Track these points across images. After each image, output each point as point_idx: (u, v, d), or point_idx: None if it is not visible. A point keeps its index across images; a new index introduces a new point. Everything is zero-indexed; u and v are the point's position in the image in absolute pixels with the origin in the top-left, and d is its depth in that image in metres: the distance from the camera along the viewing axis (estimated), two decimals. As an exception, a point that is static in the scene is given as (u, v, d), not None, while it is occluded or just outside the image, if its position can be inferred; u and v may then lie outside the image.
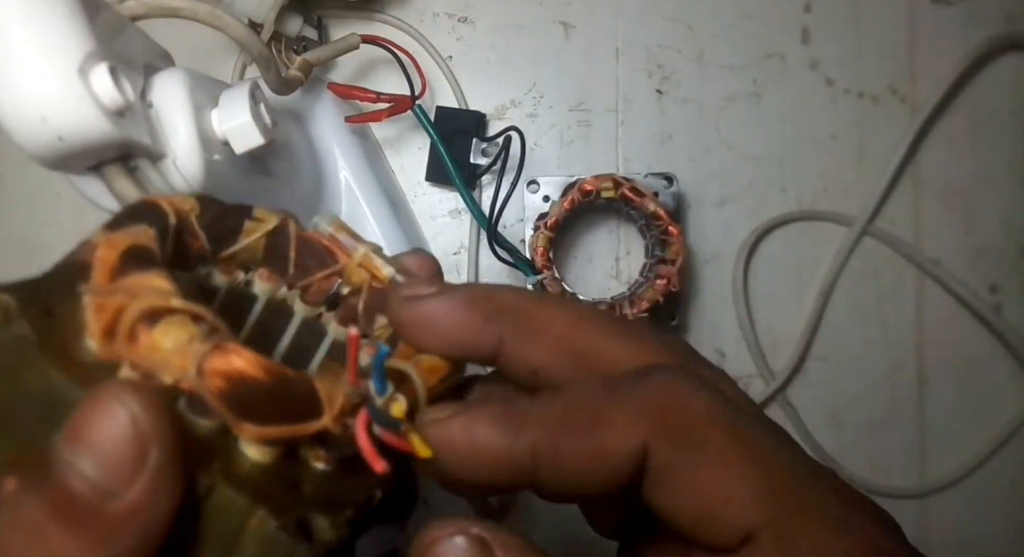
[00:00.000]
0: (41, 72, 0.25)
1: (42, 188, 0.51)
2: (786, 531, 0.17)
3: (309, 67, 0.41)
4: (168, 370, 0.16)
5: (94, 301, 0.16)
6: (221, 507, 0.16)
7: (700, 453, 0.17)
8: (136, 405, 0.15)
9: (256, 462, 0.17)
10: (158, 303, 0.16)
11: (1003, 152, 0.48)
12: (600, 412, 0.18)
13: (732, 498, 0.17)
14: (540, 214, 0.45)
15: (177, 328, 0.16)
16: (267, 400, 0.16)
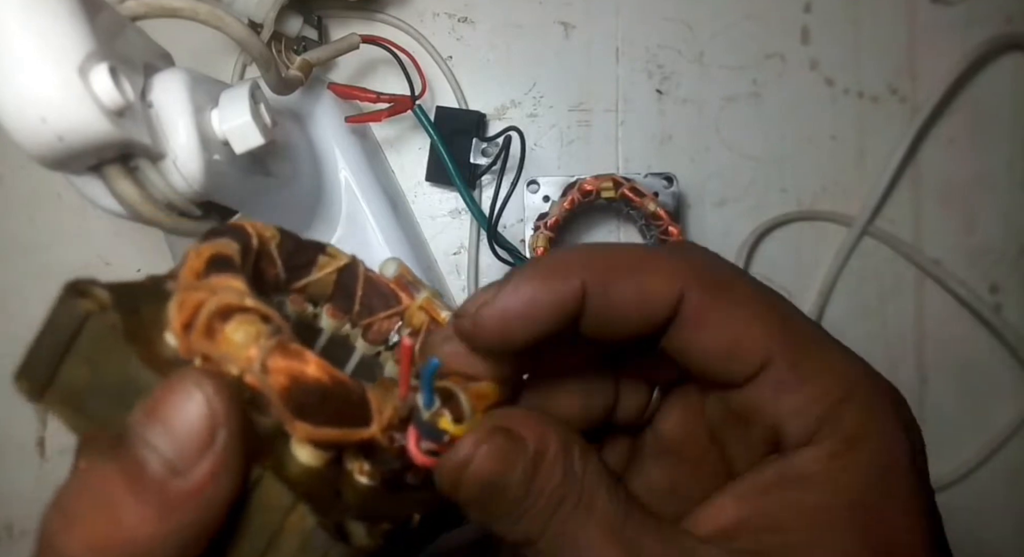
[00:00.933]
0: (41, 72, 0.25)
1: (42, 188, 0.51)
2: (797, 358, 0.20)
3: (309, 67, 0.41)
4: (235, 363, 0.17)
5: (178, 297, 0.18)
6: (267, 500, 0.17)
7: (727, 298, 0.20)
8: (211, 390, 0.16)
9: (304, 465, 0.17)
10: (233, 301, 0.17)
11: (1003, 152, 0.48)
12: (643, 262, 0.20)
13: (753, 334, 0.20)
14: (540, 214, 0.45)
15: (247, 325, 0.17)
16: (322, 402, 0.17)
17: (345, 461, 0.18)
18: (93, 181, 0.29)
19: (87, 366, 0.17)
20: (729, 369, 0.20)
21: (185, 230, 0.32)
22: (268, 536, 0.17)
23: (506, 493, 0.19)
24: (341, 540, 0.16)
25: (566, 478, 0.19)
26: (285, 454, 0.17)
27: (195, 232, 0.33)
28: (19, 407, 0.51)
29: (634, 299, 0.20)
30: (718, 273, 0.21)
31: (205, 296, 0.18)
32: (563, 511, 0.19)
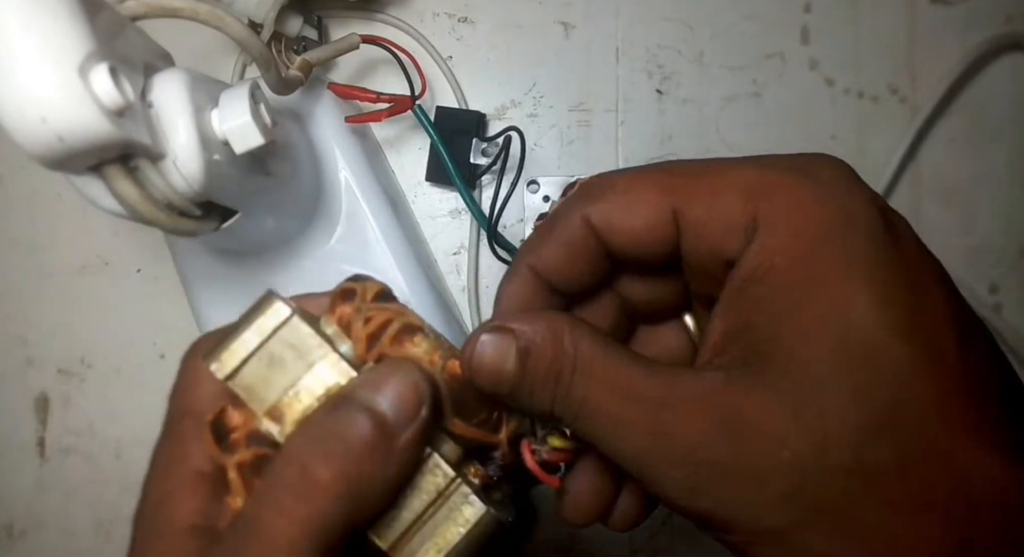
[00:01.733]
0: (41, 72, 0.25)
1: (42, 188, 0.51)
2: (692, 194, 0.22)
3: (309, 67, 0.41)
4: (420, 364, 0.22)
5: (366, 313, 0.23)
6: (431, 472, 0.22)
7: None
8: (419, 375, 0.21)
9: (443, 453, 0.22)
10: (416, 322, 0.23)
11: (1003, 152, 0.48)
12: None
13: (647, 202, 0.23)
14: (540, 214, 0.45)
15: (427, 342, 0.23)
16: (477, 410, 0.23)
17: (465, 463, 0.23)
18: (93, 181, 0.29)
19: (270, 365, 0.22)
20: (653, 244, 0.23)
21: (185, 230, 0.32)
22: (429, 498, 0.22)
23: (507, 377, 0.22)
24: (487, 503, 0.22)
25: (557, 356, 0.22)
26: (437, 446, 0.22)
27: (195, 232, 0.33)
28: (19, 407, 0.51)
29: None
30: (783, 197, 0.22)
31: (392, 316, 0.23)
32: (563, 382, 0.21)
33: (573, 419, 0.22)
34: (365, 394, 0.21)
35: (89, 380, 0.51)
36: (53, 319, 0.51)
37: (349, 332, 0.23)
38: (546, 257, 0.24)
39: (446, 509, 0.22)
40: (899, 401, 0.19)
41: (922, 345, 0.19)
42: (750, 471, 0.19)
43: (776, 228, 0.21)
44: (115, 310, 0.51)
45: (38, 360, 0.51)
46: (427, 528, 0.22)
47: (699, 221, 0.22)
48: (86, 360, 0.51)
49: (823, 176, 0.22)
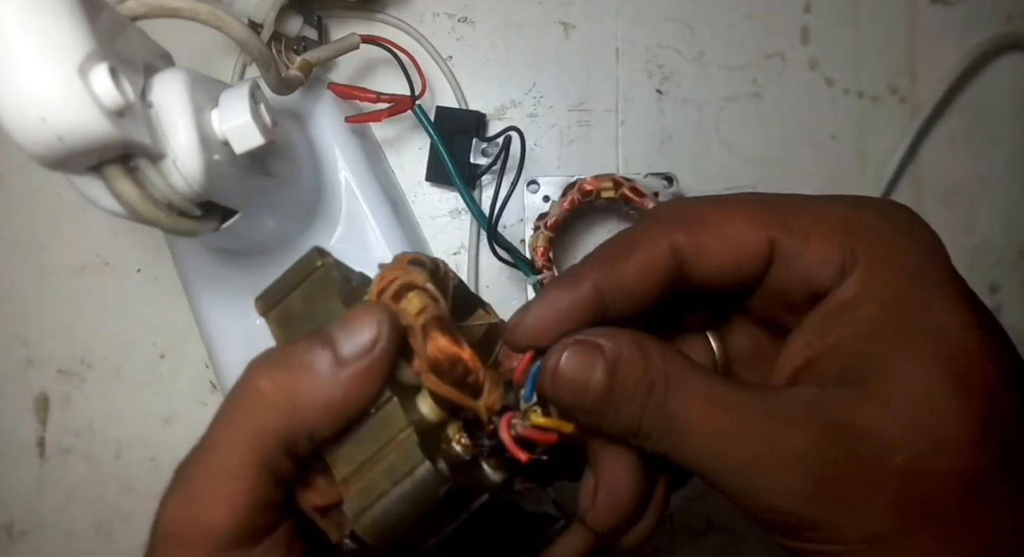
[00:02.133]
0: (41, 72, 0.25)
1: (42, 188, 0.51)
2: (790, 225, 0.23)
3: (309, 67, 0.41)
4: (405, 319, 0.24)
5: (380, 273, 0.25)
6: (388, 416, 0.23)
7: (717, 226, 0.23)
8: (383, 319, 0.23)
9: (422, 415, 0.23)
10: (417, 281, 0.24)
11: (1003, 152, 0.48)
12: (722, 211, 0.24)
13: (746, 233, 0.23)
14: (540, 214, 0.45)
15: (418, 298, 0.24)
16: (451, 367, 0.23)
17: (450, 428, 0.23)
18: (93, 181, 0.29)
19: (304, 299, 0.25)
20: (741, 273, 0.23)
21: (185, 230, 0.32)
22: (382, 441, 0.23)
23: (592, 392, 0.22)
24: (432, 460, 0.22)
25: (648, 369, 0.22)
26: (411, 403, 0.23)
27: (195, 232, 0.33)
28: (19, 407, 0.51)
29: (726, 250, 0.23)
30: (800, 216, 0.23)
31: (399, 274, 0.24)
32: (656, 395, 0.22)
33: (664, 435, 0.22)
34: (332, 327, 0.23)
35: (89, 380, 0.51)
36: (53, 319, 0.51)
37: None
38: (619, 277, 0.24)
39: (392, 457, 0.22)
40: (993, 409, 0.20)
41: (1002, 360, 0.21)
42: (866, 475, 0.20)
43: (873, 262, 0.22)
44: (115, 310, 0.51)
45: (38, 360, 0.51)
46: (373, 472, 0.22)
47: (795, 253, 0.23)
48: (86, 360, 0.51)
49: (902, 218, 0.24)
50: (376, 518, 0.22)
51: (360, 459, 0.23)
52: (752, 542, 0.47)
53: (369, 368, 0.22)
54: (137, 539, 0.23)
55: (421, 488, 0.22)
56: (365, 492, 0.22)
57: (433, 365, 0.23)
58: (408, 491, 0.22)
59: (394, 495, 0.22)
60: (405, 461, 0.22)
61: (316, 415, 0.22)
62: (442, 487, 0.22)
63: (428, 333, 0.23)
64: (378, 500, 0.22)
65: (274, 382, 0.22)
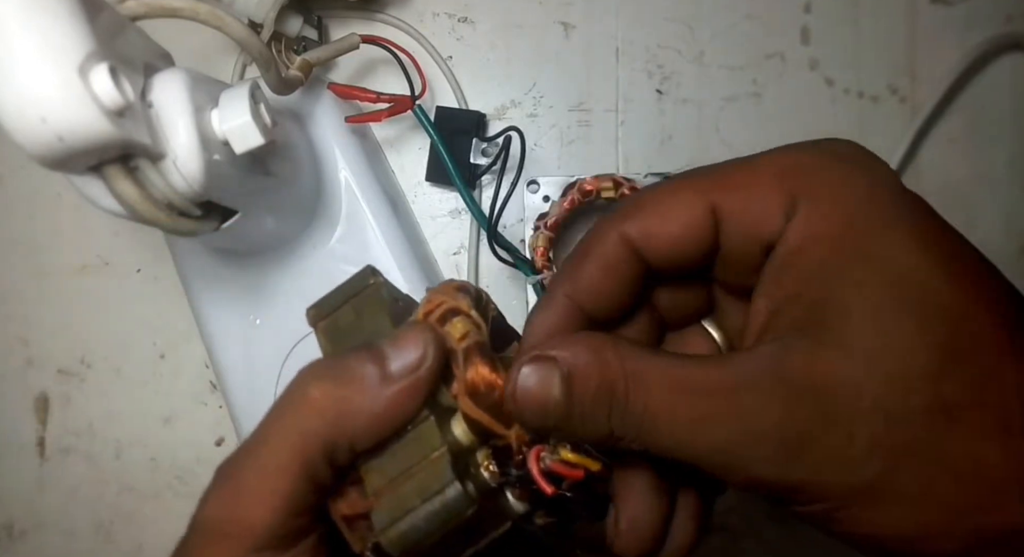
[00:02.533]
0: (41, 72, 0.25)
1: (42, 188, 0.51)
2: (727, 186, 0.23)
3: (309, 67, 0.41)
4: (448, 343, 0.24)
5: (428, 297, 0.26)
6: (424, 434, 0.23)
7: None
8: (431, 341, 0.23)
9: (455, 438, 0.24)
10: (463, 307, 0.25)
11: (1003, 152, 0.48)
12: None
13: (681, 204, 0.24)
14: (540, 214, 0.45)
15: (462, 323, 0.24)
16: (487, 394, 0.23)
17: (480, 454, 0.24)
18: (93, 181, 0.29)
19: (354, 314, 0.26)
20: (694, 246, 0.23)
21: (185, 230, 0.32)
22: (416, 458, 0.23)
23: (554, 409, 0.22)
24: (463, 482, 0.23)
25: (606, 372, 0.21)
26: (445, 425, 0.24)
27: (195, 232, 0.33)
28: (19, 407, 0.51)
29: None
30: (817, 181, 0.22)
31: (446, 298, 0.25)
32: (618, 397, 0.21)
33: (637, 432, 0.21)
34: (382, 343, 0.24)
35: (89, 380, 0.51)
36: (53, 319, 0.51)
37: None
38: (583, 282, 0.24)
39: (424, 475, 0.23)
40: (958, 336, 0.20)
41: (967, 285, 0.21)
42: (837, 428, 0.20)
43: (814, 202, 0.22)
44: (115, 310, 0.51)
45: (38, 360, 0.51)
46: (404, 487, 0.23)
47: (737, 210, 0.23)
48: (86, 360, 0.51)
49: (845, 153, 0.23)
50: (403, 533, 0.23)
51: (393, 473, 0.23)
52: (752, 542, 0.47)
53: (413, 386, 0.23)
54: (137, 539, 0.23)
55: (449, 508, 0.22)
56: (394, 506, 0.23)
57: (471, 389, 0.23)
58: (437, 510, 0.22)
59: (422, 512, 0.22)
60: (436, 480, 0.23)
61: (359, 426, 0.23)
62: (469, 509, 0.22)
63: (469, 358, 0.24)
64: (406, 515, 0.23)
65: (323, 390, 0.23)
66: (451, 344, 0.24)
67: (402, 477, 0.23)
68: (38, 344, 0.51)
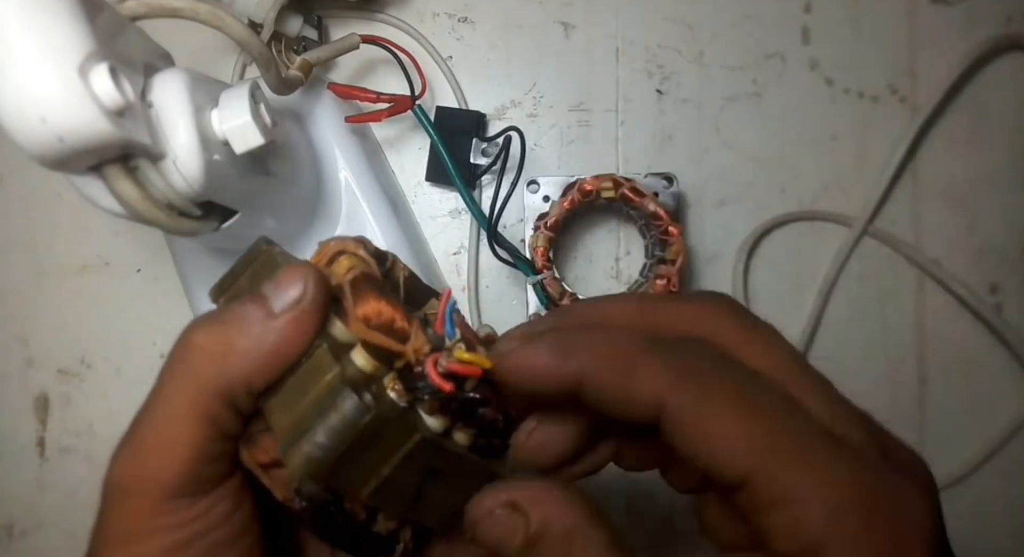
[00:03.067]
0: (41, 72, 0.25)
1: (42, 188, 0.51)
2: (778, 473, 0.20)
3: (309, 67, 0.41)
4: (334, 278, 0.25)
5: (322, 247, 0.26)
6: (316, 362, 0.24)
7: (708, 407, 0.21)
8: (310, 275, 0.24)
9: (358, 367, 0.24)
10: (349, 247, 0.26)
11: (1003, 152, 0.48)
12: (632, 361, 0.22)
13: (731, 445, 0.21)
14: (540, 214, 0.45)
15: (347, 259, 0.26)
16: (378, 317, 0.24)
17: (386, 379, 0.24)
18: (93, 181, 0.29)
19: (251, 281, 0.26)
20: (714, 475, 0.21)
21: (185, 230, 0.32)
22: (312, 386, 0.23)
23: (514, 548, 0.22)
24: (360, 396, 0.23)
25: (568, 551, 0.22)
26: (346, 360, 0.24)
27: (195, 232, 0.33)
28: (19, 407, 0.51)
29: (620, 398, 0.22)
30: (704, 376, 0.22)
31: (334, 244, 0.26)
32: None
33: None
34: (263, 286, 0.25)
35: (89, 380, 0.51)
36: (53, 319, 0.51)
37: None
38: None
39: (319, 396, 0.23)
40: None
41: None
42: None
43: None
44: (115, 310, 0.51)
45: (38, 360, 0.51)
46: (302, 413, 0.23)
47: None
48: (86, 360, 0.51)
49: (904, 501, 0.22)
50: (306, 454, 0.23)
51: (293, 406, 0.24)
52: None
53: (298, 319, 0.24)
54: (137, 539, 0.23)
55: (346, 419, 0.23)
56: (294, 431, 0.23)
57: (362, 316, 0.24)
58: (334, 423, 0.23)
59: (320, 429, 0.23)
60: (330, 396, 0.23)
61: (251, 364, 0.23)
62: (366, 416, 0.22)
63: (356, 287, 0.25)
64: (306, 436, 0.23)
65: (209, 336, 0.24)
66: (337, 280, 0.25)
67: (301, 406, 0.23)
68: (38, 344, 0.51)
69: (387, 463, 0.24)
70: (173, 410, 0.23)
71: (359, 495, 0.24)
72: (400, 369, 0.24)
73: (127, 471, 0.24)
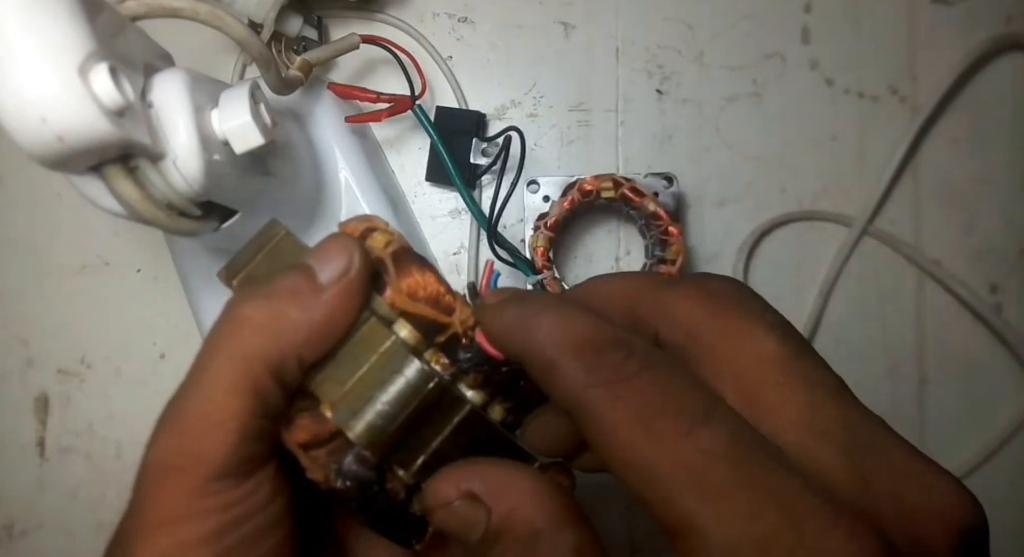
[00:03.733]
0: (41, 72, 0.25)
1: (42, 188, 0.51)
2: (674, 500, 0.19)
3: (309, 67, 0.41)
4: (373, 253, 0.25)
5: (345, 227, 0.26)
6: (368, 334, 0.24)
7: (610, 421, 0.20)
8: (355, 247, 0.24)
9: (402, 339, 0.24)
10: (380, 224, 0.26)
11: (1003, 152, 0.48)
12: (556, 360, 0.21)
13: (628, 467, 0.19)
14: (540, 214, 0.45)
15: (382, 235, 0.25)
16: (423, 289, 0.24)
17: (427, 354, 0.24)
18: (93, 181, 0.29)
19: (269, 262, 0.25)
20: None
21: (185, 230, 0.32)
22: (366, 357, 0.23)
23: (472, 542, 0.22)
24: (420, 359, 0.23)
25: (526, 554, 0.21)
26: (389, 332, 0.24)
27: (195, 232, 0.33)
28: (19, 407, 0.51)
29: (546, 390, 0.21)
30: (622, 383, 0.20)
31: (358, 222, 0.26)
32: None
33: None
34: (306, 258, 0.24)
35: (89, 380, 0.51)
36: (53, 319, 0.51)
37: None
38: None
39: (378, 366, 0.23)
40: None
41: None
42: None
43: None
44: (115, 310, 0.51)
45: (38, 360, 0.51)
46: (359, 384, 0.23)
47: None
48: (86, 360, 0.51)
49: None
50: (369, 422, 0.22)
51: (345, 378, 0.23)
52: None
53: (347, 289, 0.23)
54: (137, 539, 0.23)
55: (412, 384, 0.23)
56: (354, 401, 0.23)
57: (408, 288, 0.24)
58: (400, 389, 0.23)
59: (385, 396, 0.23)
60: (392, 364, 0.23)
61: (302, 337, 0.23)
62: (430, 382, 0.23)
63: (398, 260, 0.24)
64: (368, 405, 0.23)
65: (258, 309, 0.23)
66: (377, 254, 0.25)
67: (356, 378, 0.23)
68: (38, 344, 0.51)
69: (438, 435, 0.24)
70: (222, 384, 0.22)
71: (408, 469, 0.23)
72: (441, 343, 0.24)
73: (172, 448, 0.22)
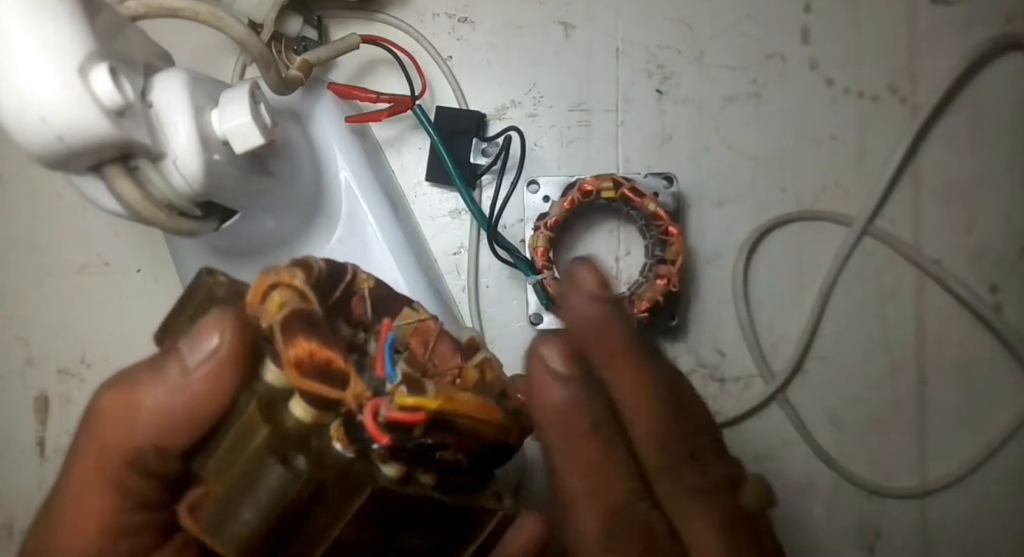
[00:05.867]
0: (41, 72, 0.25)
1: (42, 188, 0.51)
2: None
3: (309, 67, 0.41)
4: (265, 318, 0.23)
5: (259, 279, 0.24)
6: (245, 423, 0.22)
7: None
8: (228, 321, 0.22)
9: (297, 418, 0.22)
10: (283, 279, 0.23)
11: (1003, 152, 0.48)
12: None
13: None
14: (540, 214, 0.45)
15: (279, 295, 0.23)
16: (312, 361, 0.22)
17: (332, 428, 0.22)
18: (93, 181, 0.29)
19: (191, 321, 0.24)
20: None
21: (185, 230, 0.32)
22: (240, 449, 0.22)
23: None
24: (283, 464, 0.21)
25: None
26: (284, 410, 0.22)
27: (195, 232, 0.33)
28: (19, 407, 0.51)
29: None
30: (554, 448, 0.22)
31: (269, 276, 0.23)
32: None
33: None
34: (179, 339, 0.23)
35: (89, 380, 0.51)
36: (53, 319, 0.51)
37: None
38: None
39: (246, 465, 0.21)
40: None
41: None
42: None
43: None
44: (115, 310, 0.51)
45: (38, 360, 0.51)
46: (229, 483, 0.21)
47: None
48: (86, 360, 0.51)
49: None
50: (233, 534, 0.21)
51: (225, 474, 0.22)
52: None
53: (213, 372, 0.22)
54: (137, 539, 0.23)
55: (274, 492, 0.21)
56: (220, 506, 0.21)
57: (295, 361, 0.22)
58: (261, 498, 0.21)
59: (246, 504, 0.21)
60: (255, 464, 0.21)
61: (158, 425, 0.21)
62: (295, 486, 0.21)
63: (286, 329, 0.22)
64: (233, 513, 0.21)
65: (112, 400, 0.22)
66: (268, 321, 0.22)
67: (230, 473, 0.22)
68: (38, 344, 0.51)
69: (337, 523, 0.22)
70: (77, 481, 0.22)
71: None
72: (346, 414, 0.22)
73: (41, 546, 0.22)
